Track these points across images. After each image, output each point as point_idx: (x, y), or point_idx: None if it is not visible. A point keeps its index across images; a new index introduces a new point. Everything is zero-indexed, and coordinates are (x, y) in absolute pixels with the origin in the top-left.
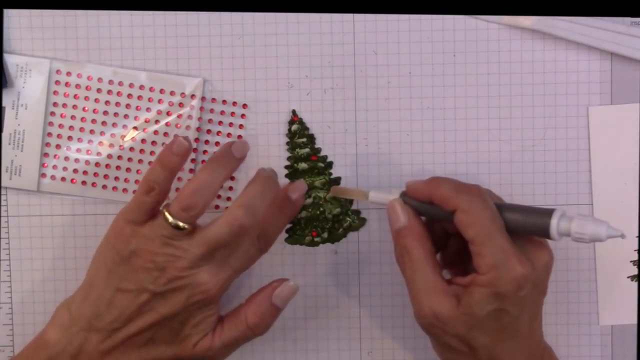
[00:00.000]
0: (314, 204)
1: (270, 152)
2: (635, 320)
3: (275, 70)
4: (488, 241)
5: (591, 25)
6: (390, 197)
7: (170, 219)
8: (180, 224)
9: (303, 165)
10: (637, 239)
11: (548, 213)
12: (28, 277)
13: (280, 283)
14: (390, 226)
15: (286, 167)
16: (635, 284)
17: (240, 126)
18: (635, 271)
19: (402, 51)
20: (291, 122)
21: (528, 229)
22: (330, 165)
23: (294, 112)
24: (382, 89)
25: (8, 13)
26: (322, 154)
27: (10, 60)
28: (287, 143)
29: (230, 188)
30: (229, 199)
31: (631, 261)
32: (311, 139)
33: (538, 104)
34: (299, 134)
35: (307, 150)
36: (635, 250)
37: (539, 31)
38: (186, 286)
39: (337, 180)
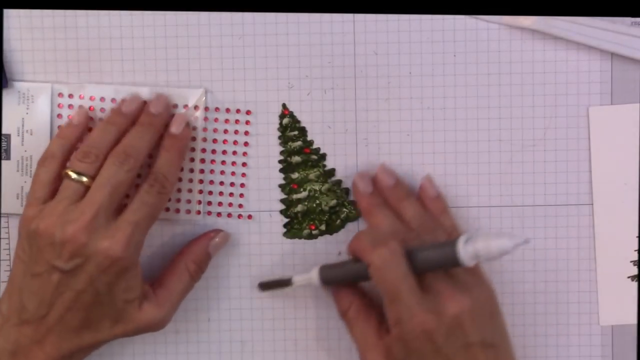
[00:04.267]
0: (309, 197)
1: (270, 152)
2: (635, 320)
3: (275, 71)
4: (394, 300)
5: (591, 25)
6: (311, 277)
7: (73, 175)
8: (84, 178)
9: (296, 159)
10: (637, 239)
11: (452, 243)
12: None
13: (217, 233)
14: None
15: (280, 161)
16: (635, 284)
17: (246, 132)
18: (635, 271)
19: (402, 51)
20: (282, 116)
21: (441, 263)
22: (323, 157)
23: (284, 105)
24: (382, 89)
25: (8, 13)
26: (321, 152)
27: (11, 87)
28: (279, 137)
29: (243, 174)
30: (242, 185)
31: (631, 261)
32: (303, 131)
33: (538, 104)
34: (290, 127)
35: (299, 143)
36: (635, 250)
37: (539, 31)
38: (90, 257)
39: (332, 172)
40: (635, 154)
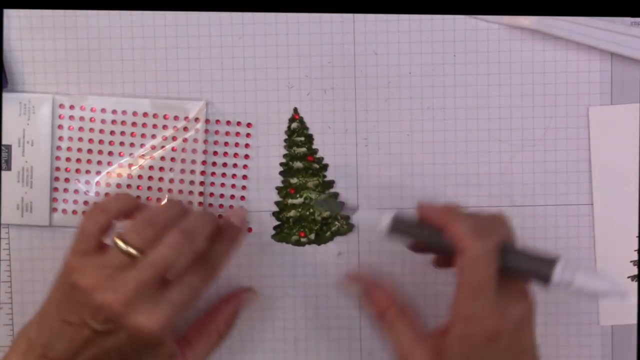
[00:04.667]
0: (304, 204)
1: (270, 152)
2: (635, 320)
3: (275, 71)
4: (476, 296)
5: (591, 25)
6: (381, 219)
7: (122, 246)
8: (132, 250)
9: (298, 165)
10: (637, 239)
11: (552, 262)
12: (28, 277)
13: (246, 292)
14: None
15: (281, 164)
16: (635, 284)
17: (247, 145)
18: (635, 271)
19: (402, 51)
20: (292, 120)
21: (530, 275)
22: (325, 167)
23: (295, 109)
24: (382, 89)
25: (8, 13)
26: (322, 154)
27: (13, 98)
28: (285, 140)
29: (244, 187)
30: (242, 198)
31: (631, 261)
32: (309, 139)
33: (538, 104)
34: (297, 133)
35: (304, 149)
36: (635, 250)
37: (539, 31)
38: (124, 328)
39: (331, 184)
40: (635, 154)
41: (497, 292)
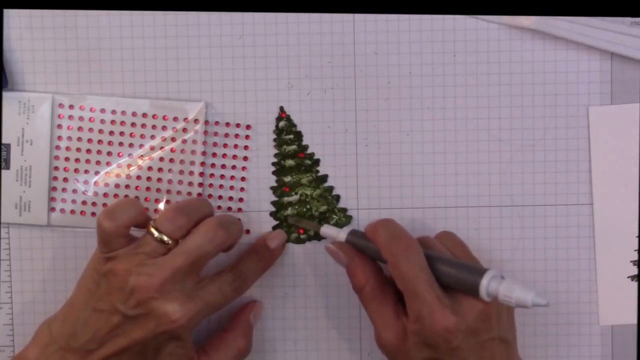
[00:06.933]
0: (300, 201)
1: (269, 152)
2: (635, 320)
3: (275, 71)
4: (413, 296)
5: (591, 25)
6: (339, 235)
7: (155, 233)
8: (165, 238)
9: (290, 163)
10: (637, 239)
11: (480, 272)
12: (28, 277)
13: (254, 304)
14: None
15: (273, 164)
16: (635, 284)
17: (246, 147)
18: (635, 271)
19: (402, 51)
20: (279, 119)
21: (459, 285)
22: (317, 162)
23: (281, 108)
24: (382, 89)
25: (8, 13)
26: (322, 154)
27: (12, 97)
28: (275, 140)
29: (242, 189)
30: (241, 199)
31: (631, 261)
32: (299, 135)
33: (538, 104)
34: (286, 131)
35: (294, 147)
36: (635, 250)
37: (539, 31)
38: (154, 312)
39: (325, 178)
40: (635, 154)
41: (444, 296)
